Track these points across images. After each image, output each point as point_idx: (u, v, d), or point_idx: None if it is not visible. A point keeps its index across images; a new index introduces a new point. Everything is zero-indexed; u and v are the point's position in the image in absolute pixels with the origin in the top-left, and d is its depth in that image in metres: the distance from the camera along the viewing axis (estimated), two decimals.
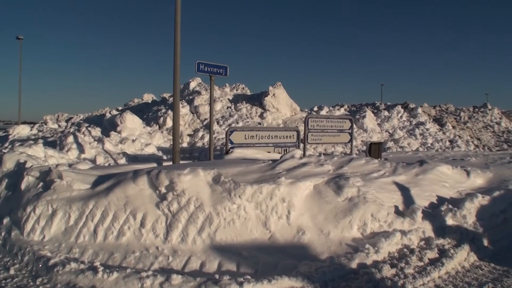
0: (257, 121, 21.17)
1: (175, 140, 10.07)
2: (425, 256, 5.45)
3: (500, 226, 6.79)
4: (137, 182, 6.11)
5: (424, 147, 22.53)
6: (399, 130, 24.64)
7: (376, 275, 4.83)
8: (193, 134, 19.82)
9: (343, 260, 5.12)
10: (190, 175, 5.99)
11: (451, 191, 7.82)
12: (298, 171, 7.15)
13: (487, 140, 27.53)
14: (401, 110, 28.37)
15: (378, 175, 7.63)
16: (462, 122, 30.87)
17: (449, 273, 5.22)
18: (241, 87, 28.34)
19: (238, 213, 5.73)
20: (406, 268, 5.07)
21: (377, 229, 6.07)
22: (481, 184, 9.06)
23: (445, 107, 35.29)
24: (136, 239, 5.55)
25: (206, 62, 10.90)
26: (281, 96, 22.88)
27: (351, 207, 6.18)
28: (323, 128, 12.95)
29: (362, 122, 23.22)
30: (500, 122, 32.38)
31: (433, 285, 4.84)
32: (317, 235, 5.78)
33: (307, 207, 6.19)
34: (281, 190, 6.02)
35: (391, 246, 5.63)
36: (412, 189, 7.31)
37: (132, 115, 18.96)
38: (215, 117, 21.19)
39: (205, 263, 5.14)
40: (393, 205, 6.65)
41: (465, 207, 6.85)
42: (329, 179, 6.80)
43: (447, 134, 25.88)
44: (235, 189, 5.81)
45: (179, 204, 5.72)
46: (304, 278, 4.67)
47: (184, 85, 27.12)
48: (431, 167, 8.43)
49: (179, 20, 10.06)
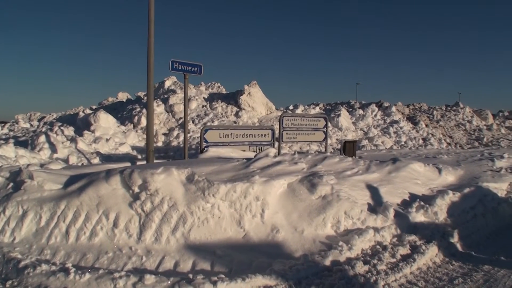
0: (233, 120, 21.15)
1: (149, 139, 9.99)
2: (397, 252, 5.52)
3: (470, 222, 6.93)
4: (109, 182, 6.03)
5: (398, 145, 22.85)
6: (373, 128, 24.93)
7: (349, 272, 4.87)
8: (168, 133, 19.71)
9: (316, 258, 5.15)
10: (164, 174, 5.95)
11: (423, 188, 7.95)
12: (272, 169, 7.17)
13: (459, 138, 28.06)
14: (375, 109, 28.72)
15: (352, 173, 7.71)
16: (435, 120, 31.42)
17: (421, 268, 5.30)
18: (217, 86, 28.29)
19: (212, 212, 5.72)
20: (378, 264, 5.13)
21: (350, 227, 6.13)
22: (452, 181, 9.23)
23: (418, 105, 35.86)
24: (109, 240, 5.48)
25: (180, 61, 10.83)
26: (256, 95, 22.91)
27: (325, 205, 6.23)
28: (298, 127, 13.01)
29: (337, 120, 23.42)
30: (472, 120, 33.06)
31: (405, 281, 4.91)
32: (291, 233, 5.81)
33: (281, 205, 6.21)
34: (255, 189, 6.03)
35: (364, 243, 5.69)
36: (385, 186, 7.41)
37: (106, 114, 18.77)
38: (191, 116, 21.10)
39: (179, 263, 5.11)
40: (366, 202, 6.72)
41: (437, 204, 6.97)
42: (303, 177, 6.84)
43: (421, 132, 26.31)
44: (209, 188, 5.79)
45: (152, 203, 5.67)
46: (278, 276, 4.68)
47: (159, 84, 26.95)
48: (403, 165, 8.56)
49: (153, 17, 9.98)
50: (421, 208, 6.79)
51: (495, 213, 7.54)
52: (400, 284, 4.80)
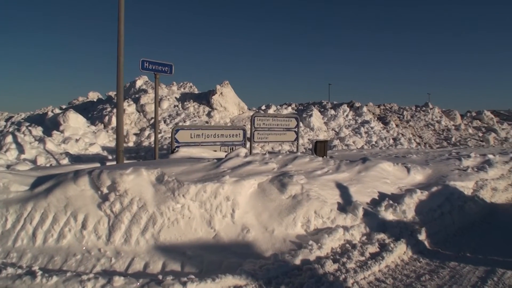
0: (205, 120, 21.06)
1: (118, 139, 9.88)
2: (366, 250, 5.59)
3: (437, 220, 7.06)
4: (78, 183, 5.93)
5: (369, 145, 23.10)
6: (345, 128, 25.15)
7: (319, 270, 4.91)
8: (139, 133, 19.49)
9: (287, 257, 5.18)
10: (133, 175, 5.89)
11: (392, 187, 8.07)
12: (242, 169, 7.17)
13: (428, 138, 28.53)
14: (347, 109, 28.99)
15: (322, 173, 7.77)
16: (405, 120, 31.89)
17: (389, 266, 5.39)
18: (189, 86, 28.14)
19: (182, 212, 5.68)
20: (348, 263, 5.19)
21: (320, 226, 6.18)
22: (421, 180, 9.40)
23: (389, 106, 36.35)
24: (77, 242, 5.38)
25: (150, 60, 10.73)
26: (228, 95, 22.87)
27: (295, 205, 6.26)
28: (270, 127, 13.06)
29: (309, 120, 23.54)
30: (441, 120, 33.70)
31: (374, 278, 4.98)
32: (262, 233, 5.82)
33: (252, 205, 6.21)
34: (225, 189, 6.02)
35: (334, 241, 5.73)
36: (354, 185, 7.49)
37: (76, 114, 18.44)
38: (162, 116, 20.94)
39: (149, 264, 5.06)
40: (336, 201, 6.78)
41: (405, 203, 7.08)
42: (274, 177, 6.86)
43: (391, 132, 26.66)
44: (179, 189, 5.76)
45: (121, 204, 5.61)
46: (248, 275, 4.68)
47: (131, 84, 26.64)
48: (373, 164, 8.67)
49: (123, 16, 9.87)
50: (390, 207, 6.89)
51: (461, 211, 7.70)
52: (369, 282, 4.87)
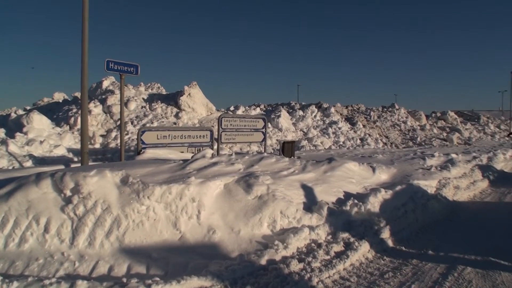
0: (173, 121, 20.91)
1: (83, 141, 9.72)
2: (331, 249, 5.65)
3: (401, 218, 7.19)
4: (40, 186, 5.80)
5: (337, 145, 23.37)
6: (313, 129, 25.37)
7: (284, 270, 4.94)
8: (106, 134, 19.20)
9: (253, 257, 5.19)
10: (97, 177, 5.80)
11: (357, 187, 8.18)
12: (208, 170, 7.15)
13: (394, 138, 29.07)
14: (315, 110, 29.27)
15: (288, 173, 7.82)
16: (372, 121, 32.42)
17: (354, 264, 5.46)
18: (157, 87, 27.86)
19: (147, 214, 5.63)
20: (313, 262, 5.23)
21: (286, 226, 6.21)
22: (386, 179, 9.57)
23: (356, 107, 36.89)
24: (39, 246, 5.26)
25: (116, 61, 10.59)
26: (196, 96, 22.76)
27: (261, 205, 6.29)
28: (237, 128, 13.06)
29: (277, 121, 23.64)
30: (407, 121, 34.41)
31: (338, 277, 5.04)
32: (228, 233, 5.82)
33: (218, 206, 6.21)
34: (190, 190, 5.99)
35: (299, 241, 5.78)
36: (320, 185, 7.57)
37: (40, 115, 18.03)
38: (129, 117, 20.69)
39: (113, 267, 4.99)
40: (302, 201, 6.84)
41: (369, 202, 7.19)
42: (240, 178, 6.87)
43: (358, 132, 27.03)
44: (144, 190, 5.70)
45: (85, 207, 5.51)
46: (213, 277, 4.68)
47: (97, 84, 26.20)
48: (339, 164, 8.77)
49: (87, 15, 9.72)
50: (355, 206, 6.98)
51: (424, 209, 7.87)
52: (334, 280, 4.93)
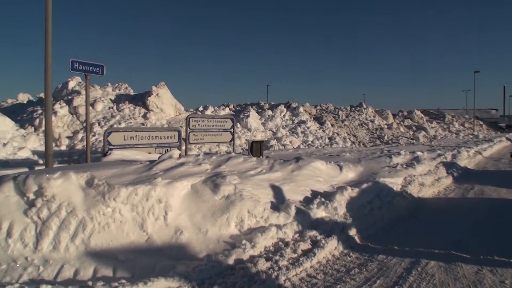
0: (141, 121, 20.70)
1: (47, 143, 9.53)
2: (298, 248, 5.70)
3: (368, 215, 7.33)
4: (2, 189, 5.65)
5: (305, 145, 23.54)
6: (282, 128, 25.49)
7: (252, 269, 4.96)
8: (72, 136, 18.88)
9: (220, 257, 5.19)
10: (61, 179, 5.69)
11: (324, 185, 8.27)
12: (175, 171, 7.11)
13: (362, 136, 29.47)
14: (284, 110, 29.41)
15: (255, 173, 7.85)
16: (340, 120, 32.78)
17: (320, 262, 5.53)
18: (124, 87, 27.51)
19: (113, 216, 5.55)
20: (280, 260, 5.27)
21: (254, 225, 6.24)
22: (353, 177, 9.71)
23: (325, 106, 37.27)
24: (2, 251, 5.13)
25: (80, 61, 10.41)
26: (165, 96, 22.59)
27: (228, 205, 6.29)
28: (205, 128, 13.00)
29: (246, 121, 23.66)
30: (374, 120, 34.94)
31: (305, 274, 5.09)
32: (195, 234, 5.80)
33: (185, 207, 6.18)
34: (157, 191, 5.95)
35: (267, 240, 5.80)
36: (287, 184, 7.62)
37: (3, 117, 17.60)
38: (96, 118, 20.39)
39: (79, 271, 4.92)
40: (269, 201, 6.87)
41: (336, 200, 7.28)
42: (207, 178, 6.86)
43: (327, 131, 27.29)
44: (109, 192, 5.63)
45: (49, 210, 5.40)
46: (181, 277, 4.66)
47: (63, 85, 25.71)
48: (306, 163, 8.85)
49: (50, 14, 9.54)
50: (322, 204, 7.05)
51: (390, 206, 8.02)
52: (301, 278, 4.98)
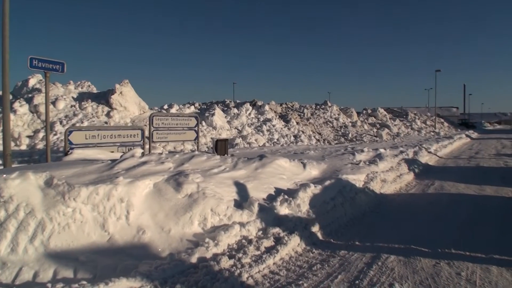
0: (104, 120, 20.37)
1: (5, 142, 9.27)
2: (261, 245, 5.73)
3: (330, 212, 7.42)
4: None
5: (271, 143, 23.63)
6: (247, 127, 25.52)
7: (215, 267, 4.95)
8: (33, 135, 18.42)
9: (183, 256, 5.17)
10: (19, 179, 5.55)
11: (288, 183, 8.33)
12: (137, 170, 7.04)
13: (327, 134, 29.81)
14: (249, 108, 29.45)
15: (219, 171, 7.85)
16: (306, 118, 33.07)
17: (283, 258, 5.57)
18: (87, 85, 26.98)
19: (74, 216, 5.46)
20: (243, 258, 5.29)
21: (217, 223, 6.24)
22: (316, 174, 9.81)
23: (290, 104, 37.52)
24: None
25: (40, 58, 10.15)
26: (128, 94, 22.28)
27: (191, 203, 6.27)
28: (169, 126, 12.90)
29: (211, 119, 23.58)
30: (339, 118, 35.41)
31: (268, 271, 5.12)
32: (158, 233, 5.76)
33: (147, 206, 6.13)
34: (119, 190, 5.88)
35: (230, 238, 5.81)
36: (251, 182, 7.65)
37: None
38: (58, 116, 19.95)
39: (38, 273, 4.81)
40: (233, 198, 6.88)
41: (299, 197, 7.35)
42: (169, 177, 6.81)
43: (292, 129, 27.48)
44: (69, 192, 5.53)
45: (6, 211, 5.26)
46: (143, 277, 4.62)
47: (23, 82, 25.02)
48: (269, 161, 8.90)
49: (7, 10, 9.29)
50: (285, 202, 7.11)
51: (353, 202, 8.16)
52: (263, 275, 5.00)
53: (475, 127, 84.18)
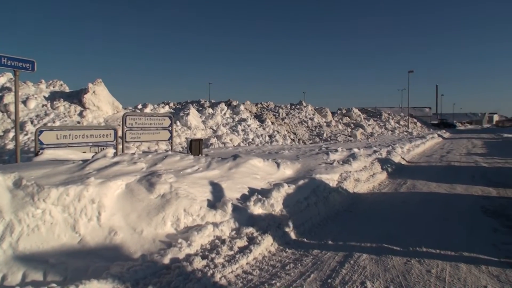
0: (77, 120, 20.05)
1: None
2: (235, 245, 5.73)
3: (304, 211, 7.45)
4: None
5: (246, 142, 23.63)
6: (222, 126, 25.46)
7: (187, 268, 4.93)
8: (3, 135, 18.04)
9: (155, 257, 5.13)
10: None
11: (262, 183, 8.35)
12: (109, 170, 6.96)
13: (302, 134, 29.96)
14: (224, 108, 29.39)
15: (192, 171, 7.82)
16: (281, 118, 33.17)
17: (257, 258, 5.59)
18: (59, 84, 26.51)
19: (43, 218, 5.36)
20: (216, 258, 5.28)
21: (190, 223, 6.21)
22: (290, 174, 9.85)
23: (266, 104, 37.61)
24: None
25: (9, 56, 9.90)
26: (102, 94, 21.99)
27: (164, 204, 6.22)
28: (142, 126, 12.77)
29: (186, 119, 23.44)
30: (314, 118, 35.65)
31: (241, 271, 5.13)
32: (130, 234, 5.70)
33: (119, 207, 6.05)
34: (90, 191, 5.79)
35: (203, 238, 5.79)
36: (225, 182, 7.64)
37: None
38: (29, 116, 19.56)
39: (7, 276, 4.71)
40: (206, 198, 6.86)
41: (273, 196, 7.36)
42: (142, 177, 6.75)
43: (267, 129, 27.52)
44: (39, 193, 5.43)
45: None
46: (114, 279, 4.57)
47: None
48: (243, 161, 8.90)
49: None
50: (258, 201, 7.12)
51: (326, 201, 8.21)
52: (236, 275, 5.01)
53: (455, 126, 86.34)
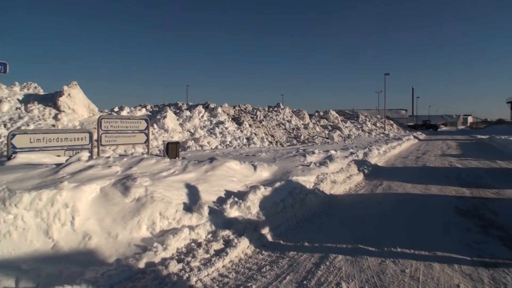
0: (51, 123, 19.75)
1: None
2: (211, 248, 5.70)
3: (280, 213, 7.47)
4: None
5: (223, 145, 23.59)
6: (200, 129, 25.36)
7: (163, 271, 4.90)
8: None
9: (131, 261, 5.08)
10: None
11: (238, 185, 8.34)
12: (83, 174, 6.87)
13: (279, 136, 30.03)
14: (202, 110, 29.28)
15: (168, 174, 7.77)
16: (258, 120, 33.20)
17: (233, 261, 5.57)
18: (33, 87, 26.08)
19: (15, 223, 5.27)
20: (192, 261, 5.25)
21: (166, 227, 6.17)
22: (267, 176, 9.86)
23: (244, 107, 37.59)
24: None
25: None
26: (77, 96, 21.70)
27: (139, 207, 6.18)
28: (118, 129, 12.64)
29: (163, 122, 23.29)
30: (291, 120, 35.81)
31: (217, 274, 5.11)
32: (105, 238, 5.64)
33: (94, 211, 5.99)
34: (63, 195, 5.72)
35: (179, 242, 5.76)
36: (201, 185, 7.61)
37: None
38: (2, 119, 19.21)
39: None
40: (182, 202, 6.82)
41: (249, 199, 7.37)
42: (117, 181, 6.69)
43: (245, 132, 27.50)
44: (10, 198, 5.33)
45: None
46: (88, 284, 4.51)
47: None
48: (219, 164, 8.88)
49: None
50: (235, 204, 7.11)
51: (302, 203, 8.24)
52: (212, 278, 4.99)
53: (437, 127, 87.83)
